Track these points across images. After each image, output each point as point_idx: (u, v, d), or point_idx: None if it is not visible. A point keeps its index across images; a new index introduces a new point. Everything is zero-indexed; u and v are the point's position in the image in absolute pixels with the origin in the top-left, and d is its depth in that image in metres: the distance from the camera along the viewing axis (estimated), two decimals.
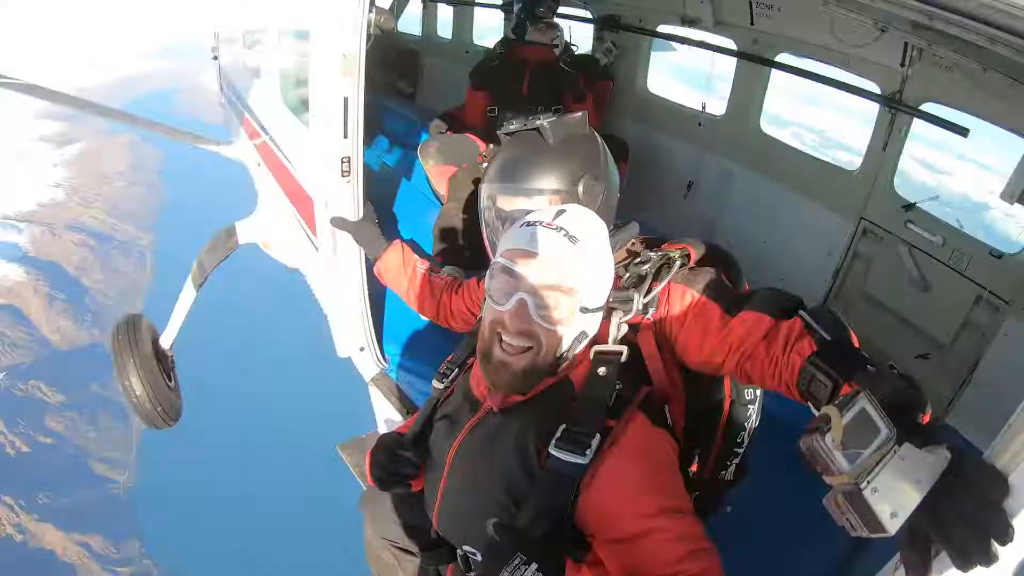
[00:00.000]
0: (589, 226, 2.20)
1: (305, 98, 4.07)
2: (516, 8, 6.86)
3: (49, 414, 76.74)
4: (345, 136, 3.48)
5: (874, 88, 5.17)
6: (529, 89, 6.52)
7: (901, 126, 5.03)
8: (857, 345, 1.99)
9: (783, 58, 6.05)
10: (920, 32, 4.16)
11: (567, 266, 2.09)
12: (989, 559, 1.28)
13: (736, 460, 2.77)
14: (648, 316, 2.45)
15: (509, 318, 2.12)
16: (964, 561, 1.30)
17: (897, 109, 4.96)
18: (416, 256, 3.78)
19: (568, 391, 2.20)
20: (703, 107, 6.84)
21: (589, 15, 7.87)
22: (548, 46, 6.62)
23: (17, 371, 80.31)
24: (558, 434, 2.04)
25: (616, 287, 2.43)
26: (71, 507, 68.23)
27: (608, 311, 2.37)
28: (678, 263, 2.48)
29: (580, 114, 2.71)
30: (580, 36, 7.79)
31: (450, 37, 10.76)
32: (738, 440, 2.73)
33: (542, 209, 2.30)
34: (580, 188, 2.57)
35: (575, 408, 2.11)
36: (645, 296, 2.43)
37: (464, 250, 5.54)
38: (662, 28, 7.16)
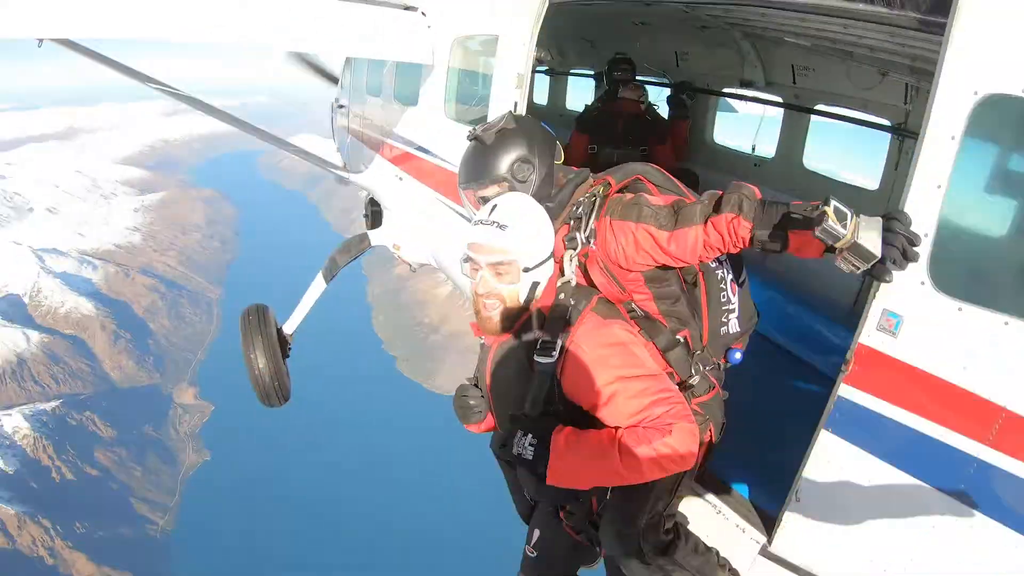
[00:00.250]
0: (515, 212, 3.17)
1: (482, 108, 5.75)
2: (606, 78, 8.54)
3: (99, 447, 78.90)
4: None
5: (885, 123, 6.54)
6: (622, 133, 8.16)
7: (907, 149, 6.29)
8: (760, 196, 2.93)
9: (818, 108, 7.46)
10: (914, 75, 5.77)
11: (502, 247, 3.08)
12: (915, 255, 2.54)
13: (733, 314, 3.70)
14: (591, 246, 3.37)
15: (479, 287, 3.16)
16: (904, 260, 2.53)
17: (903, 136, 6.34)
18: None
19: (541, 317, 3.16)
20: (753, 148, 8.38)
21: (667, 81, 9.47)
22: (637, 101, 8.28)
23: (74, 401, 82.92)
24: (537, 347, 3.06)
25: (567, 232, 3.42)
26: (106, 540, 69.36)
27: (563, 251, 3.38)
28: (599, 198, 3.40)
29: (505, 114, 3.68)
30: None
31: (545, 103, 12.37)
32: (722, 298, 3.67)
33: (483, 208, 3.22)
34: (513, 170, 3.52)
35: (546, 326, 3.12)
36: (585, 233, 3.37)
37: None
38: (725, 90, 8.76)
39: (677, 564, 3.48)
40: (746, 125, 8.58)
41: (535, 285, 3.16)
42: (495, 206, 3.18)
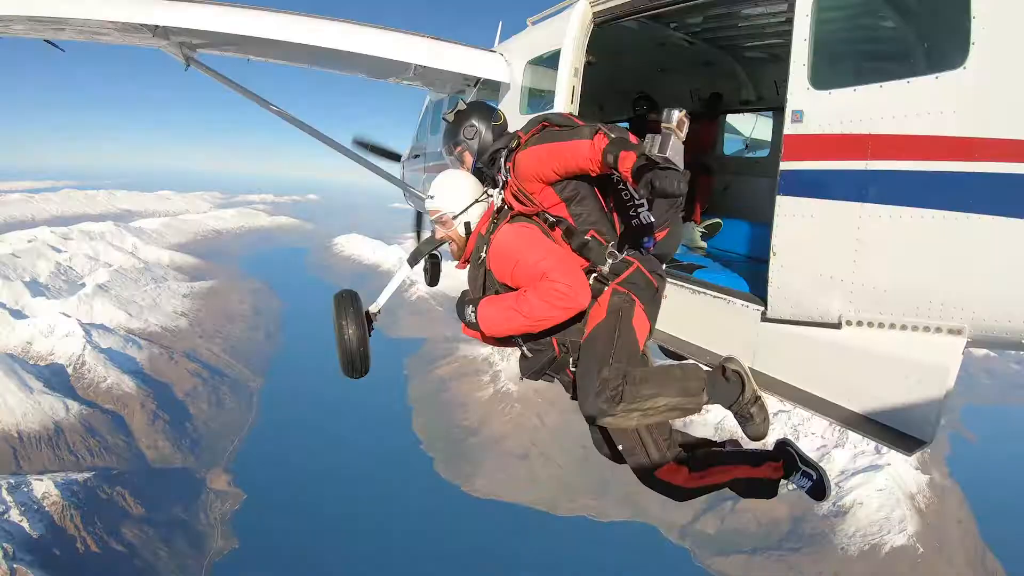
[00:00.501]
0: (437, 185, 5.06)
1: (548, 100, 7.89)
2: (633, 110, 11.00)
3: (127, 524, 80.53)
4: (571, 103, 7.16)
5: None
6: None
7: None
8: (633, 139, 4.31)
9: None
10: None
11: (433, 208, 5.00)
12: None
13: (643, 208, 4.90)
14: (509, 178, 4.83)
15: (436, 235, 5.32)
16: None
17: None
18: None
19: (482, 237, 4.86)
20: (746, 146, 11.11)
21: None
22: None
23: (106, 475, 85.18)
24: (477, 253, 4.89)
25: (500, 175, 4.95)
26: None
27: (493, 187, 5.05)
28: (509, 148, 4.85)
29: (458, 101, 5.58)
30: None
31: None
32: (625, 197, 4.94)
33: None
34: (464, 133, 5.35)
35: (484, 241, 4.84)
36: (502, 174, 4.90)
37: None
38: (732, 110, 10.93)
39: (635, 398, 4.39)
40: (747, 135, 11.18)
41: (467, 224, 5.01)
42: (432, 185, 5.10)
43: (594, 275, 4.64)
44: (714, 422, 79.35)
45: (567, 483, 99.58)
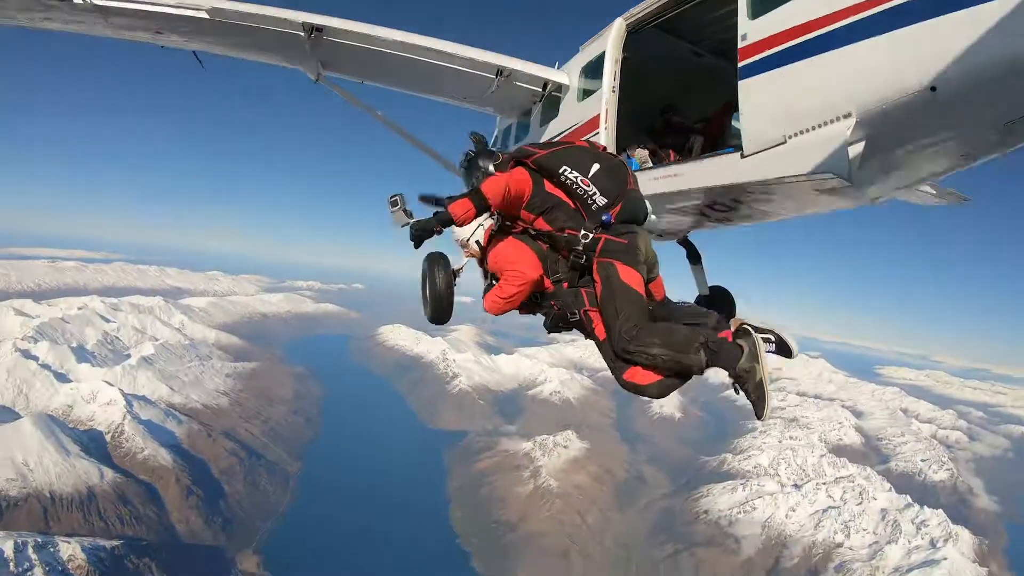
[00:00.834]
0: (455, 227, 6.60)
1: (597, 90, 9.97)
2: (662, 117, 12.88)
3: None
4: (614, 80, 9.46)
5: None
6: (674, 137, 12.57)
7: None
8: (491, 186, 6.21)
9: None
10: None
11: (455, 239, 6.77)
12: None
13: (597, 194, 6.27)
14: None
15: (464, 253, 7.05)
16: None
17: None
18: None
19: (486, 249, 6.71)
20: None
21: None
22: (682, 121, 12.06)
23: (134, 544, 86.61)
24: None
25: None
26: None
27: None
28: None
29: (468, 151, 7.48)
30: None
31: None
32: (579, 192, 6.32)
33: None
34: (476, 171, 7.10)
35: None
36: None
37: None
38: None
39: (645, 343, 5.62)
40: None
41: (477, 242, 6.65)
42: None
43: (573, 255, 6.17)
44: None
45: None
